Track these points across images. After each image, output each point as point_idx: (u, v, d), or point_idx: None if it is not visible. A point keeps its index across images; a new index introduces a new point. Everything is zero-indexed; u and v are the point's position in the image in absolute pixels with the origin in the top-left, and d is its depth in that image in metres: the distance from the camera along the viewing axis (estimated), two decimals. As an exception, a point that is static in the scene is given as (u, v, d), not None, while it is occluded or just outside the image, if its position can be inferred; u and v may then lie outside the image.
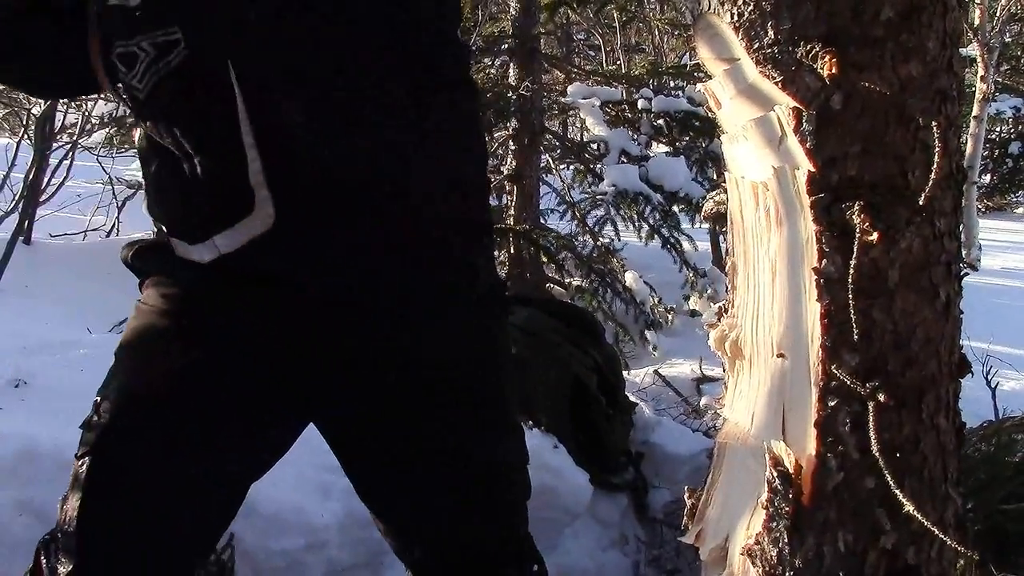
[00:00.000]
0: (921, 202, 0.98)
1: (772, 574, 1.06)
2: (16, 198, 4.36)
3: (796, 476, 1.03)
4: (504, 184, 4.83)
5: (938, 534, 1.01)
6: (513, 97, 4.73)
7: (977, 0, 6.50)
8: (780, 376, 1.05)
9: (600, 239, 4.86)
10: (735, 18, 1.03)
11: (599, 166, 5.08)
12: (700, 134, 5.21)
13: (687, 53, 9.10)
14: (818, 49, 0.97)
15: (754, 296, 1.09)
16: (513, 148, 4.76)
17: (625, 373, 3.19)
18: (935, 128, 0.98)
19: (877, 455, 0.99)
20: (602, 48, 10.15)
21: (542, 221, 4.98)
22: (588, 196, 5.06)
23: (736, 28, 1.03)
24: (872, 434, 0.99)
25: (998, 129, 10.37)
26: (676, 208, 4.89)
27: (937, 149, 0.98)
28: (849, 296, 0.98)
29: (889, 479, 0.99)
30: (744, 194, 1.09)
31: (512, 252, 4.62)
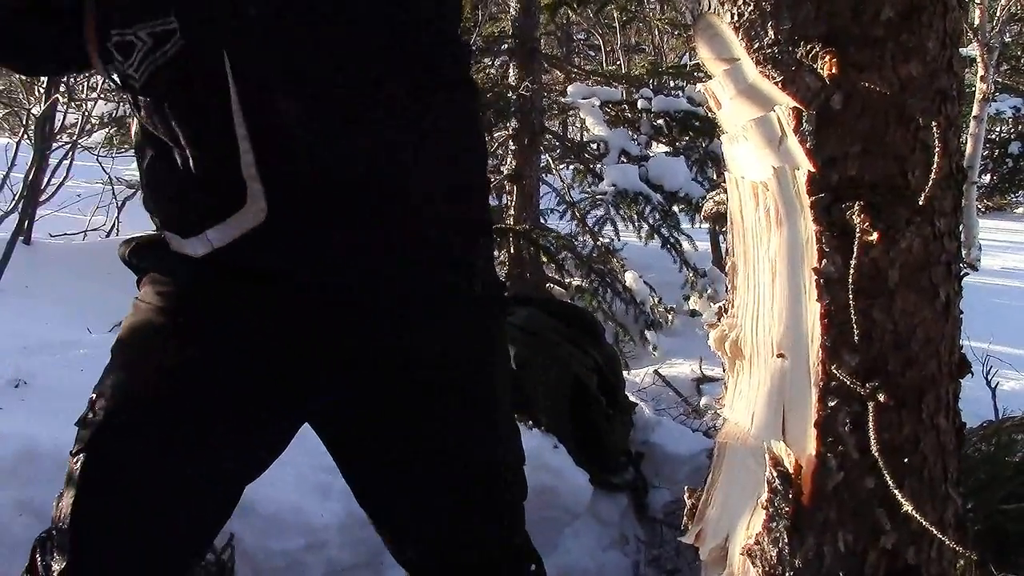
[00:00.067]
0: (921, 202, 0.98)
1: (772, 574, 1.06)
2: (16, 198, 4.35)
3: (796, 476, 1.03)
4: (504, 184, 4.83)
5: (938, 534, 1.01)
6: (513, 97, 4.73)
7: (977, 0, 6.50)
8: (780, 376, 1.05)
9: (600, 239, 4.85)
10: (735, 18, 1.03)
11: (599, 166, 5.08)
12: (700, 134, 5.20)
13: (687, 53, 9.10)
14: (818, 49, 0.97)
15: (754, 296, 1.09)
16: (513, 148, 4.76)
17: (625, 373, 3.19)
18: (935, 128, 0.98)
19: (877, 455, 0.99)
20: (602, 48, 10.15)
21: (542, 221, 4.97)
22: (588, 196, 5.05)
23: (736, 28, 1.03)
24: (872, 434, 0.99)
25: (998, 129, 10.38)
26: (676, 208, 4.89)
27: (937, 149, 0.98)
28: (849, 296, 0.97)
29: (889, 479, 0.99)
30: (744, 194, 1.09)
31: (512, 252, 4.61)
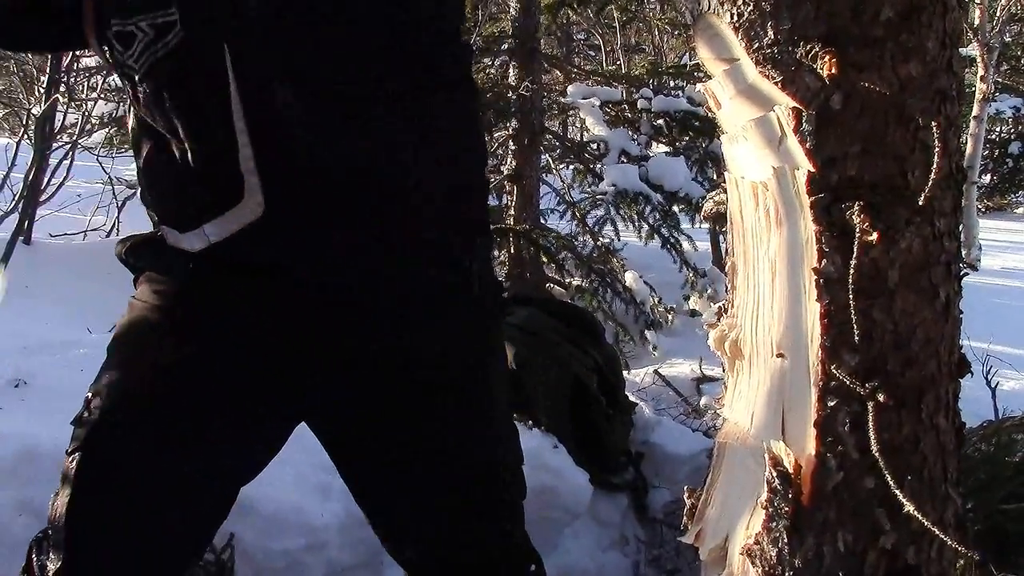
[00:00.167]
0: (921, 202, 0.98)
1: (772, 574, 1.06)
2: (16, 198, 4.35)
3: (796, 476, 1.03)
4: (504, 184, 4.83)
5: (938, 534, 1.01)
6: (513, 97, 4.73)
7: (977, 0, 6.50)
8: (780, 376, 1.05)
9: (600, 239, 4.85)
10: (735, 18, 1.03)
11: (599, 166, 5.08)
12: (700, 134, 5.20)
13: (687, 53, 9.11)
14: (818, 49, 0.97)
15: (754, 296, 1.09)
16: (513, 148, 4.76)
17: (625, 373, 3.19)
18: (935, 128, 0.98)
19: (877, 455, 0.99)
20: (602, 48, 10.16)
21: (542, 221, 4.98)
22: (588, 196, 5.06)
23: (736, 28, 1.03)
24: (872, 434, 0.99)
25: (998, 129, 10.38)
26: (676, 208, 4.89)
27: (937, 149, 0.98)
28: (849, 296, 0.97)
29: (889, 479, 0.99)
30: (744, 194, 1.09)
31: (512, 252, 4.62)
